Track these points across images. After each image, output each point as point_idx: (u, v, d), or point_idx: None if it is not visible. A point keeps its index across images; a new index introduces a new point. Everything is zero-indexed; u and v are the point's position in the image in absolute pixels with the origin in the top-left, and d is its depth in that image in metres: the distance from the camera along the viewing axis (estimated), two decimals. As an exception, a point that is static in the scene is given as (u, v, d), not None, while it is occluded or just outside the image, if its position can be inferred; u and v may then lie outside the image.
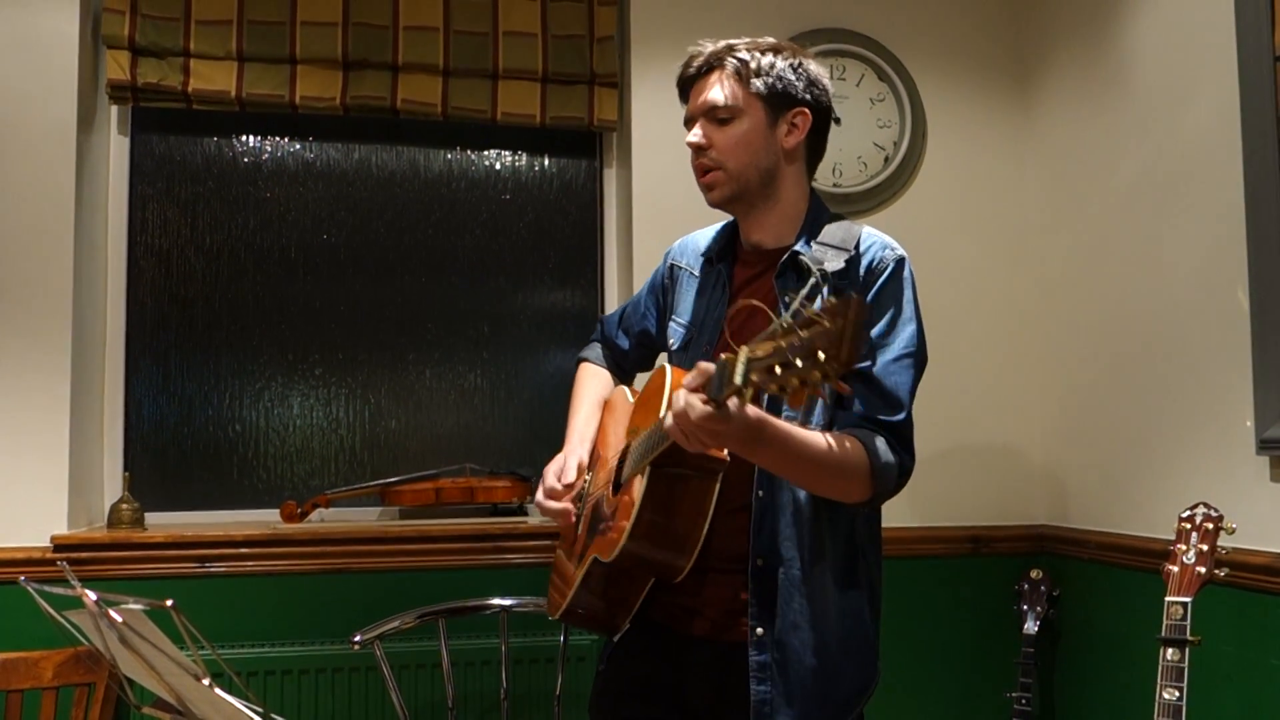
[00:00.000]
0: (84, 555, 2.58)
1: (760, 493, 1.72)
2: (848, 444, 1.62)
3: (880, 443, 1.65)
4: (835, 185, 3.05)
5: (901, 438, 1.69)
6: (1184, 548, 2.08)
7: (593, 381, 2.11)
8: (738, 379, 1.31)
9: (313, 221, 3.06)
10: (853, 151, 3.08)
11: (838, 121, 3.04)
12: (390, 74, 2.91)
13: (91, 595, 1.19)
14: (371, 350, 3.07)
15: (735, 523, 1.71)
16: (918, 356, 1.76)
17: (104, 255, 2.89)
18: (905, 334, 1.75)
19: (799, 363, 1.21)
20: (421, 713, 2.67)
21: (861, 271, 1.76)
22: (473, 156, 3.16)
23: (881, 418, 1.68)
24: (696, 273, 1.96)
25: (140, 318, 2.94)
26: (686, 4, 3.02)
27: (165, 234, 2.98)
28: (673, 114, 1.88)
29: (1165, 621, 2.03)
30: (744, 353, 1.32)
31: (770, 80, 1.77)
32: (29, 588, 1.42)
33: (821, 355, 1.19)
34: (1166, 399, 2.59)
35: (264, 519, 2.92)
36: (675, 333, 1.95)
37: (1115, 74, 2.79)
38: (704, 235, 2.00)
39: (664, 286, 2.05)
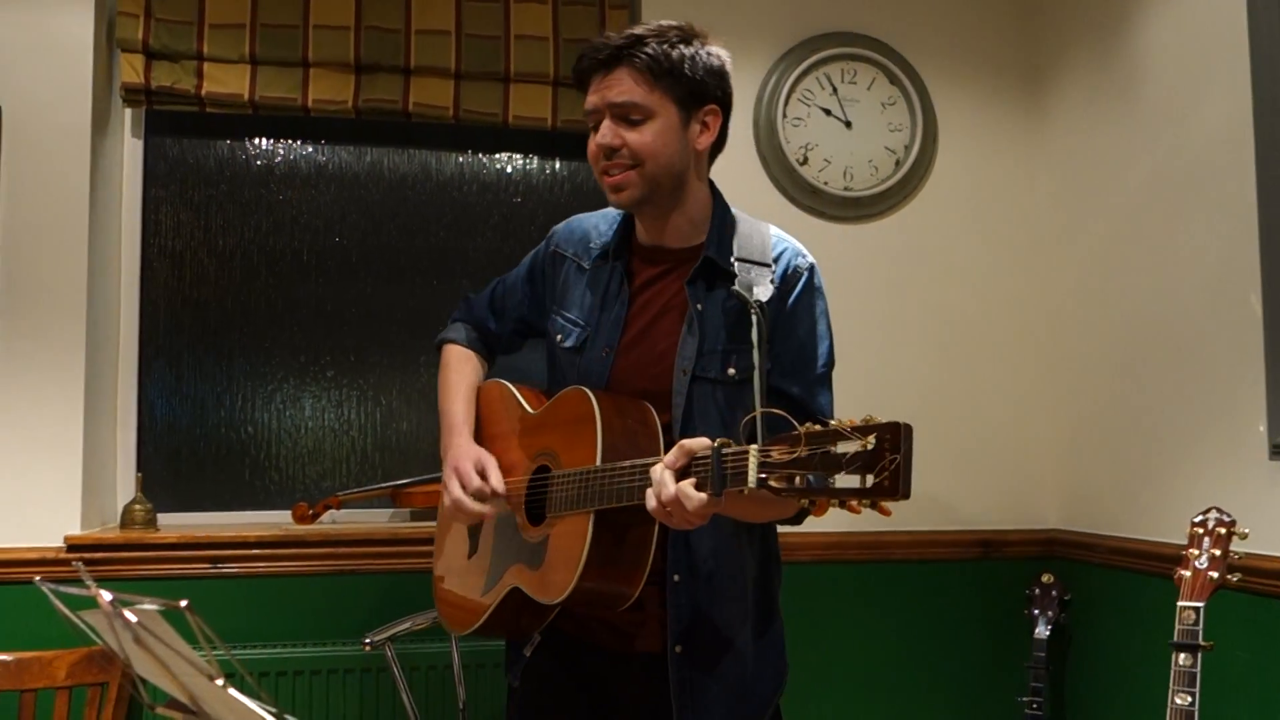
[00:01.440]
0: (97, 555, 2.60)
1: None
2: None
3: None
4: (846, 189, 3.05)
5: None
6: (1196, 552, 2.07)
7: (464, 367, 2.00)
8: (751, 482, 1.31)
9: (325, 224, 3.07)
10: (864, 155, 3.08)
11: (849, 126, 3.07)
12: (402, 77, 2.92)
13: (106, 595, 1.19)
14: (383, 352, 3.07)
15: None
16: (832, 367, 1.78)
17: (118, 257, 2.91)
18: (822, 349, 1.76)
19: (834, 481, 1.21)
20: (433, 714, 2.68)
21: (776, 279, 1.73)
22: (484, 159, 3.17)
23: None
24: (586, 265, 1.86)
25: (153, 319, 2.96)
26: (697, 9, 3.01)
27: (178, 236, 2.99)
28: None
29: (1177, 626, 2.03)
30: (754, 455, 1.31)
31: (683, 79, 1.69)
32: (44, 588, 1.43)
33: (870, 484, 1.19)
34: (1178, 403, 2.59)
35: (276, 520, 2.93)
36: (565, 330, 1.85)
37: (1127, 77, 2.79)
38: (593, 223, 1.91)
39: (544, 272, 1.95)
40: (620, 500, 1.55)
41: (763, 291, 1.68)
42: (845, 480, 1.24)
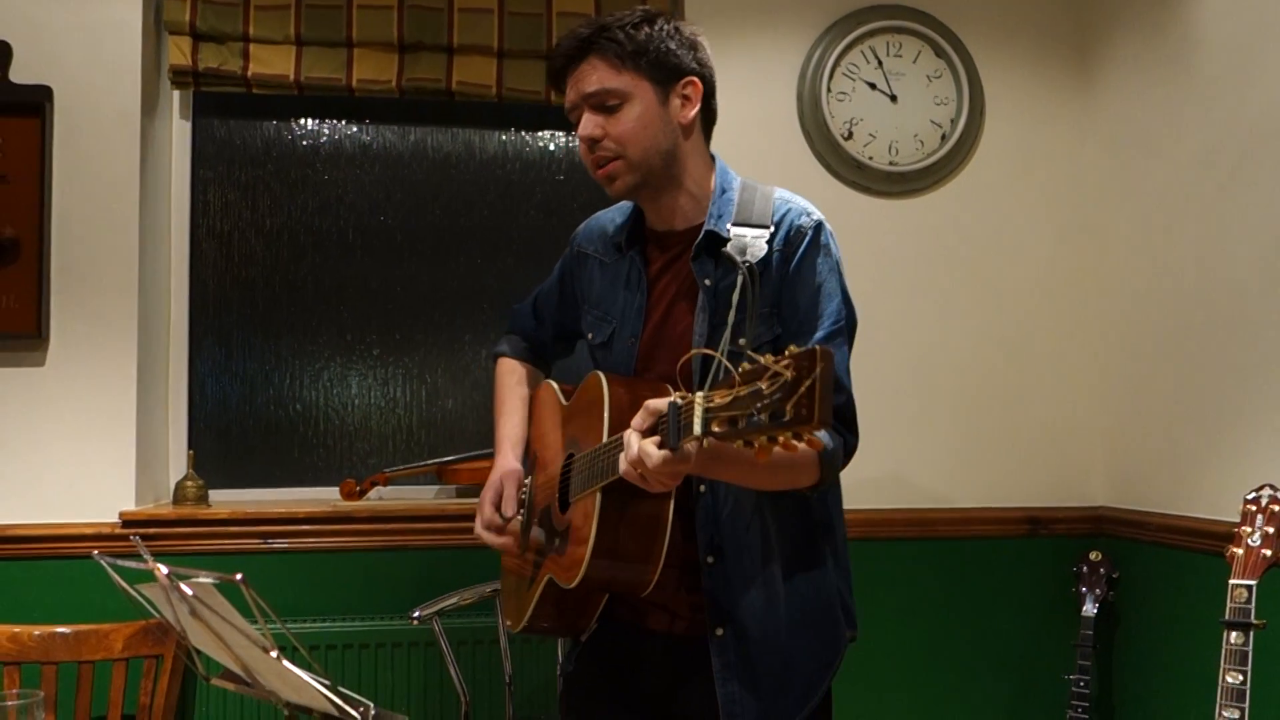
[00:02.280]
0: (151, 531, 2.65)
1: (702, 488, 1.69)
2: None
3: (823, 431, 1.62)
4: (892, 164, 3.02)
5: (844, 419, 1.65)
6: (1248, 530, 2.04)
7: (512, 379, 2.04)
8: (697, 429, 1.28)
9: (370, 203, 3.09)
10: (909, 129, 3.04)
11: (894, 99, 3.04)
12: (445, 56, 2.92)
13: (164, 569, 1.22)
14: (428, 331, 3.10)
15: (685, 522, 1.67)
16: (848, 327, 1.71)
17: (167, 238, 2.95)
18: (832, 307, 1.68)
19: (764, 418, 1.17)
20: (479, 687, 2.70)
21: (779, 243, 1.69)
22: (527, 138, 3.18)
23: None
24: (607, 260, 1.88)
25: (203, 299, 3.00)
26: (740, -18, 3.00)
27: (226, 217, 3.03)
28: (724, 94, 1.85)
29: (1229, 604, 2.00)
30: (699, 401, 1.29)
31: (651, 55, 1.68)
32: (102, 561, 1.46)
33: (789, 414, 1.14)
34: (1230, 378, 2.55)
35: (324, 496, 2.97)
36: (594, 325, 1.87)
37: (1179, 46, 2.73)
38: (610, 218, 1.92)
39: (572, 273, 1.97)
40: (610, 474, 1.54)
41: (755, 253, 1.65)
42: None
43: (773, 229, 1.69)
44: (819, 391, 1.12)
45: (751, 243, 1.66)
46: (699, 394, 1.30)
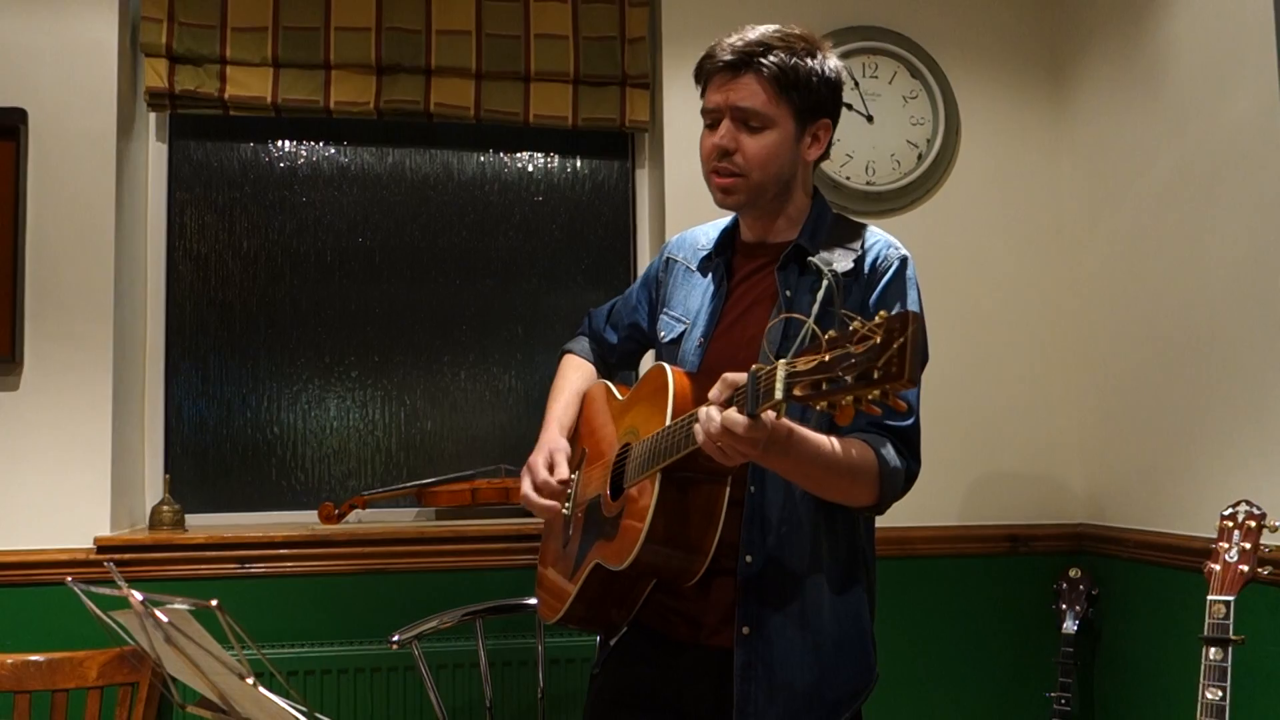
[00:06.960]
0: (126, 556, 2.62)
1: (753, 489, 1.71)
2: (857, 449, 1.61)
3: (889, 449, 1.64)
4: (869, 184, 3.04)
5: (909, 443, 1.69)
6: (1226, 546, 2.05)
7: (574, 373, 2.08)
8: (778, 393, 1.30)
9: (348, 225, 3.09)
10: (886, 149, 3.06)
11: (870, 120, 3.06)
12: (423, 78, 2.93)
13: (138, 595, 1.20)
14: (406, 352, 3.09)
15: (728, 520, 1.67)
16: (922, 360, 1.75)
17: (144, 260, 2.93)
18: None
19: (850, 379, 1.19)
20: (460, 712, 2.69)
21: (865, 270, 1.75)
22: (505, 159, 3.18)
23: (890, 423, 1.66)
24: (693, 267, 1.94)
25: (179, 322, 2.98)
26: (718, 4, 3.02)
27: (203, 239, 3.02)
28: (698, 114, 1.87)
29: (1208, 620, 2.01)
30: (782, 366, 1.30)
31: (804, 92, 1.73)
32: (76, 588, 1.44)
33: (878, 374, 1.17)
34: (1207, 395, 2.57)
35: (302, 520, 2.95)
36: (666, 325, 1.92)
37: (1152, 66, 2.76)
38: (703, 230, 1.98)
39: (658, 280, 2.02)
40: (678, 450, 1.55)
41: (840, 266, 1.71)
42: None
43: (859, 253, 1.75)
44: (910, 351, 1.15)
45: (838, 260, 1.72)
46: (781, 360, 1.31)
